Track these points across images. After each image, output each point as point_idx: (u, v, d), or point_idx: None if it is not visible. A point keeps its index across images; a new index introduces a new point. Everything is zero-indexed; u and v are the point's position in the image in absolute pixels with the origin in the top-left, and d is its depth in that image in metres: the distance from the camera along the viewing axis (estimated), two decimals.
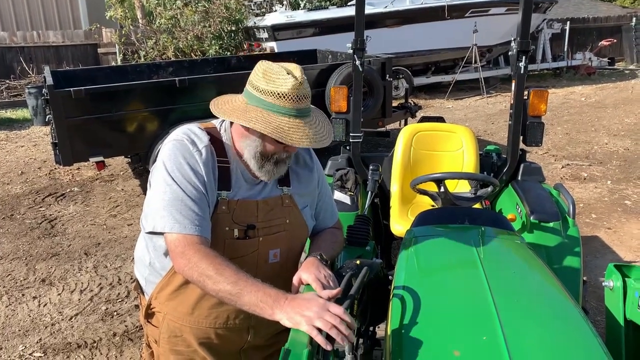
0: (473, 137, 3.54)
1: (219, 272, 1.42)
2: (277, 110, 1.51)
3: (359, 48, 3.37)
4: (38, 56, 12.22)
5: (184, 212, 1.49)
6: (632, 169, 6.73)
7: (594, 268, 4.16)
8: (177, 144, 1.58)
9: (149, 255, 1.71)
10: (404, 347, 1.41)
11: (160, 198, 1.52)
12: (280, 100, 1.50)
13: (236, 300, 1.41)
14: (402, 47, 10.63)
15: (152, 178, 1.60)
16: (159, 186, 1.54)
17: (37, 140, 8.76)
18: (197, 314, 1.68)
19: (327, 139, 1.59)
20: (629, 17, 16.31)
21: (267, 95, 1.51)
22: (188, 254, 1.46)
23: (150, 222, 1.54)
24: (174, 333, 1.72)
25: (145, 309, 1.76)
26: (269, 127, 1.49)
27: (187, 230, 1.48)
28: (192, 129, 1.62)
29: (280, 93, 1.50)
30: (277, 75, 1.52)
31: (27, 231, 5.21)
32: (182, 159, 1.55)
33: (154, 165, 1.63)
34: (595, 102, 11.03)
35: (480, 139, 7.87)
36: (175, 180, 1.52)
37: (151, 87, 5.77)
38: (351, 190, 3.16)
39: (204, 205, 1.53)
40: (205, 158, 1.57)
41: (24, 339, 3.47)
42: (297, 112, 1.52)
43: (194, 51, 11.05)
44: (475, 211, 2.44)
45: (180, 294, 1.67)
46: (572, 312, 1.55)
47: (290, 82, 1.50)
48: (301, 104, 1.52)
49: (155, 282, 1.71)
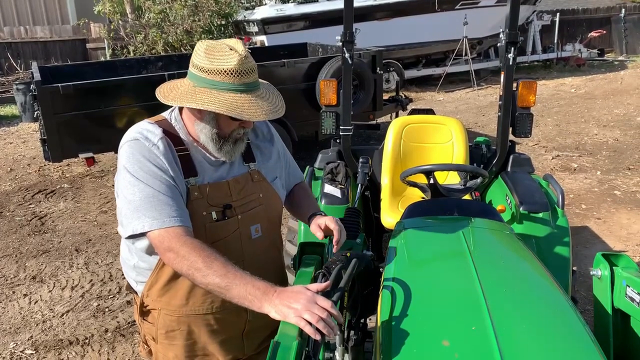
0: (462, 128, 3.55)
1: (208, 265, 1.41)
2: (227, 88, 1.50)
3: (348, 40, 3.36)
4: (26, 52, 12.11)
5: (158, 207, 1.48)
6: (621, 160, 6.78)
7: (584, 258, 4.19)
8: (132, 144, 1.56)
9: (133, 258, 1.70)
10: (394, 339, 1.42)
11: (131, 200, 1.50)
12: (228, 77, 1.49)
13: (225, 293, 1.41)
14: (393, 40, 10.62)
15: (118, 185, 1.57)
16: (126, 190, 1.52)
17: (26, 136, 8.70)
18: (192, 303, 1.67)
19: (281, 109, 1.60)
20: (618, 9, 16.35)
21: (214, 74, 1.50)
22: (175, 247, 1.45)
23: (128, 227, 1.52)
24: (170, 327, 1.71)
25: (140, 307, 1.75)
26: (222, 106, 1.48)
27: (166, 224, 1.47)
28: (142, 126, 1.61)
29: (226, 70, 1.49)
30: (219, 52, 1.51)
31: (17, 228, 5.18)
32: (141, 157, 1.53)
33: (116, 173, 1.61)
34: (584, 93, 11.08)
35: (471, 131, 7.90)
36: (141, 179, 1.51)
37: (141, 82, 5.73)
38: (341, 183, 3.16)
39: (176, 196, 1.52)
40: (163, 150, 1.55)
41: (15, 337, 3.46)
42: (246, 86, 1.52)
43: (183, 45, 10.98)
44: (465, 202, 2.44)
45: (171, 288, 1.66)
46: (561, 302, 1.56)
47: (234, 57, 1.49)
48: (249, 78, 1.52)
49: (144, 282, 1.70)
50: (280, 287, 1.40)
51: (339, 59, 6.21)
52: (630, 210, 5.21)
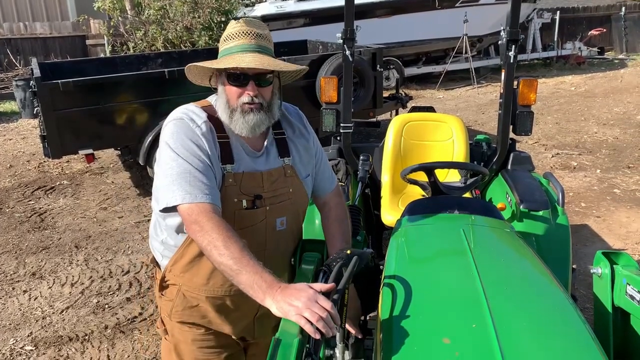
0: (463, 126, 3.55)
1: (226, 245, 1.45)
2: (230, 51, 1.61)
3: (349, 38, 3.35)
4: (25, 48, 12.07)
5: (192, 183, 1.53)
6: (621, 158, 6.78)
7: (583, 256, 4.20)
8: (177, 122, 1.63)
9: (162, 233, 1.75)
10: (395, 336, 1.42)
11: (169, 174, 1.56)
12: (230, 42, 1.62)
13: (234, 276, 1.44)
14: (393, 38, 10.61)
15: (158, 160, 1.64)
16: (165, 164, 1.58)
17: (26, 133, 8.69)
18: (212, 283, 1.72)
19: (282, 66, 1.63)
20: (618, 7, 16.34)
21: (222, 43, 1.65)
22: (201, 221, 1.50)
23: (162, 200, 1.57)
24: (189, 304, 1.76)
25: (160, 281, 1.80)
26: (219, 63, 1.59)
27: (198, 200, 1.52)
28: (189, 108, 1.69)
29: (228, 34, 1.63)
30: (233, 24, 1.64)
31: (17, 225, 5.17)
32: (184, 135, 1.59)
33: (157, 149, 1.68)
34: (584, 91, 11.08)
35: (470, 129, 7.89)
36: (180, 155, 1.56)
37: (140, 79, 5.72)
38: (342, 181, 3.16)
39: (210, 176, 1.57)
40: (206, 133, 1.62)
41: (14, 333, 3.46)
42: (248, 46, 1.60)
43: (183, 42, 10.95)
44: (465, 200, 2.44)
45: (194, 266, 1.70)
46: (561, 300, 1.56)
47: (241, 22, 1.61)
48: (251, 40, 1.61)
49: (169, 257, 1.75)
50: (285, 284, 1.41)
51: (339, 57, 6.20)
52: (629, 208, 5.22)
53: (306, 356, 1.34)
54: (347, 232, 1.93)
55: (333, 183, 1.98)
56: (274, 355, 1.29)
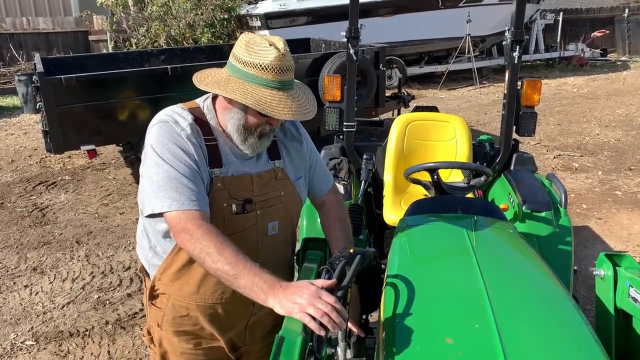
0: (466, 126, 3.55)
1: (220, 252, 1.42)
2: (260, 83, 1.50)
3: (353, 36, 3.35)
4: (28, 43, 12.07)
5: (179, 189, 1.49)
6: (622, 160, 6.78)
7: (584, 258, 4.20)
8: (162, 125, 1.58)
9: (150, 239, 1.71)
10: (397, 335, 1.42)
11: (154, 180, 1.52)
12: (263, 72, 1.49)
13: (232, 281, 1.42)
14: (396, 37, 10.59)
15: (143, 164, 1.59)
16: (150, 170, 1.54)
17: (28, 128, 8.68)
18: (203, 291, 1.68)
19: (311, 112, 1.59)
20: (621, 9, 16.33)
21: (250, 67, 1.50)
22: (190, 229, 1.46)
23: (148, 206, 1.54)
24: (179, 313, 1.72)
25: (149, 290, 1.76)
26: (251, 99, 1.49)
27: (185, 207, 1.48)
28: (174, 110, 1.63)
29: (262, 65, 1.49)
30: (259, 46, 1.50)
31: (18, 220, 5.18)
32: (168, 139, 1.54)
33: (143, 152, 1.62)
34: (587, 93, 11.07)
35: (472, 129, 7.87)
36: (166, 160, 1.52)
37: (143, 75, 5.72)
38: (345, 180, 3.15)
39: (198, 182, 1.53)
40: (191, 136, 1.56)
41: (15, 328, 3.46)
42: (279, 84, 1.51)
43: (186, 39, 10.95)
44: (468, 200, 2.44)
45: (184, 274, 1.67)
46: (564, 301, 1.56)
47: (273, 53, 1.49)
48: (284, 76, 1.52)
49: (158, 265, 1.71)
50: (286, 282, 1.40)
51: (342, 55, 6.21)
52: (631, 210, 5.22)
53: (309, 354, 1.34)
54: (349, 231, 1.90)
55: (329, 183, 1.96)
56: (278, 353, 1.29)
